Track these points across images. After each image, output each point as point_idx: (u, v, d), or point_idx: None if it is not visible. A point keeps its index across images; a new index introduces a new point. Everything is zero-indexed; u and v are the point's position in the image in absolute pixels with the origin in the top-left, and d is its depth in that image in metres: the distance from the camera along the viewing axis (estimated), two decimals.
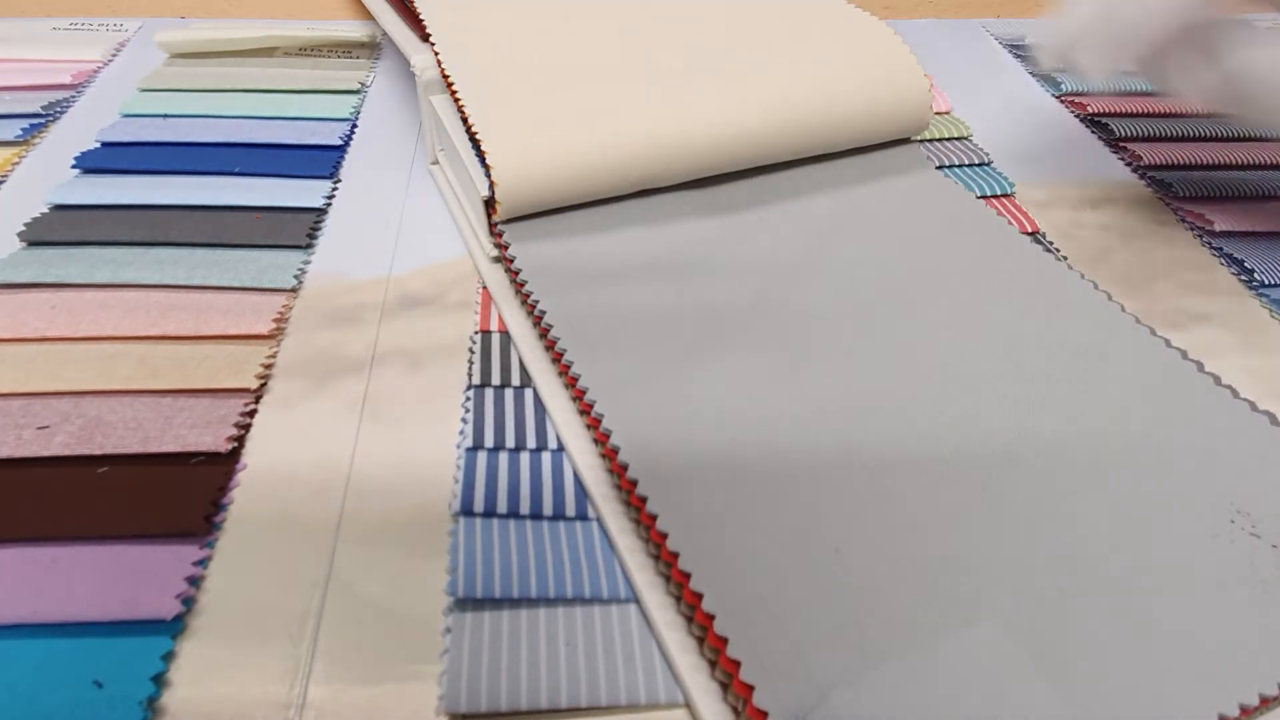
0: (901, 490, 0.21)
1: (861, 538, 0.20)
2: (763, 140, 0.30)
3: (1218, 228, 0.32)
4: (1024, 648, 0.18)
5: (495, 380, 0.25)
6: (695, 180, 0.30)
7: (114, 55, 0.42)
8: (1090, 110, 0.39)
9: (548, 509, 0.21)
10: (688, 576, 0.19)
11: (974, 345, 0.25)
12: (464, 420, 0.24)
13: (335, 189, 0.33)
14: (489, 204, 0.28)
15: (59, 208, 0.31)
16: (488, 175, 0.27)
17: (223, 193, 0.31)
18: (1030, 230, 0.32)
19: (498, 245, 0.28)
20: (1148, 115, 0.39)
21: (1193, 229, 0.33)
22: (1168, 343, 0.26)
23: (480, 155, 0.28)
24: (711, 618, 0.18)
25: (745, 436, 0.22)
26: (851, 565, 0.19)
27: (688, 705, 0.18)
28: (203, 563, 0.20)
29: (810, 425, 0.23)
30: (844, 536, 0.20)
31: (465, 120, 0.29)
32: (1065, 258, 0.30)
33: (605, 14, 0.34)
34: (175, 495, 0.21)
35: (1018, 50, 0.46)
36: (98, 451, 0.22)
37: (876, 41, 0.33)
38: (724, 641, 0.18)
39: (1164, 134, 0.38)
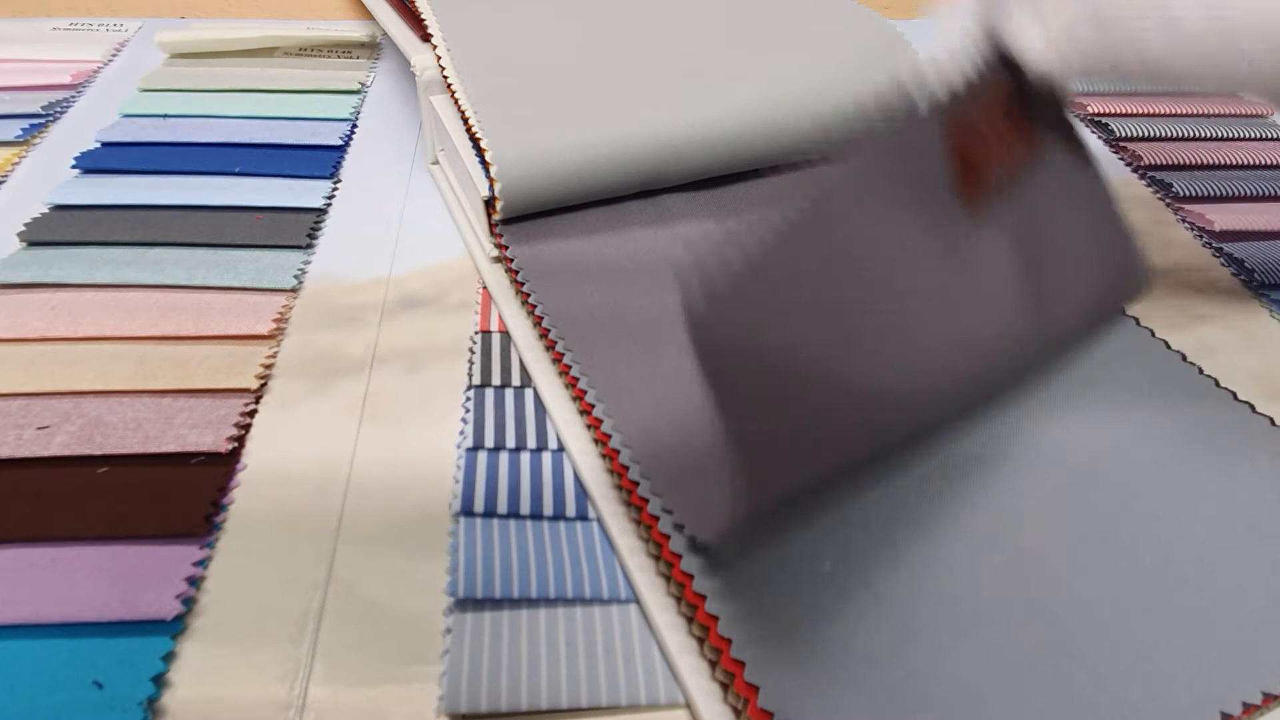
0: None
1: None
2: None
3: (1218, 228, 0.32)
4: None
5: (495, 380, 0.25)
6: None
7: (114, 55, 0.42)
8: (1090, 110, 0.39)
9: (548, 509, 0.21)
10: (690, 578, 0.19)
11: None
12: (464, 420, 0.24)
13: (335, 189, 0.33)
14: (489, 204, 0.28)
15: (59, 208, 0.31)
16: (488, 175, 0.27)
17: (223, 193, 0.31)
18: None
19: (498, 245, 0.28)
20: (1148, 115, 0.39)
21: (1193, 229, 0.33)
22: (1167, 345, 0.26)
23: (480, 155, 0.28)
24: (714, 619, 0.18)
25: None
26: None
27: (688, 706, 0.18)
28: (203, 563, 0.20)
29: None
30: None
31: (465, 120, 0.29)
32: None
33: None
34: (175, 495, 0.21)
35: None
36: (98, 451, 0.22)
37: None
38: (727, 643, 0.18)
39: (1164, 134, 0.38)
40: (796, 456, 0.19)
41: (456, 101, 0.29)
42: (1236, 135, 0.38)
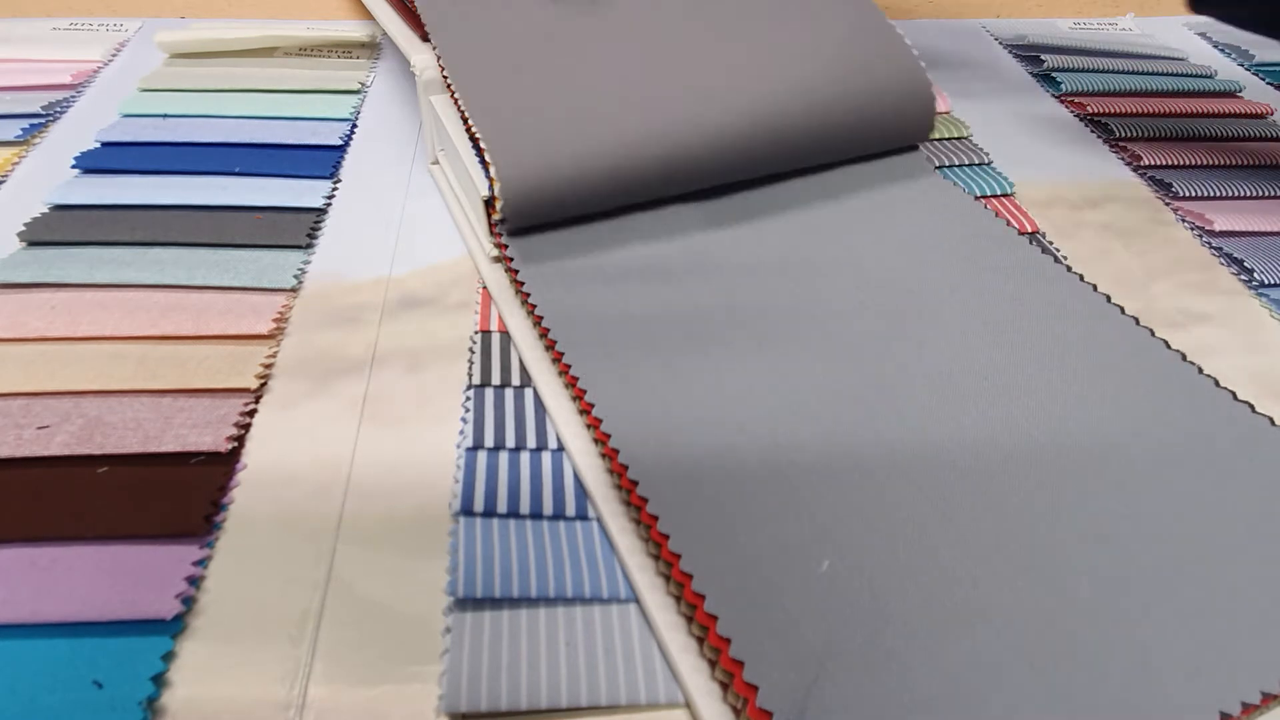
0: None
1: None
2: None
3: (1218, 228, 0.32)
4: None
5: (495, 380, 0.25)
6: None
7: (114, 55, 0.42)
8: (1090, 110, 0.39)
9: (548, 509, 0.21)
10: (689, 578, 0.19)
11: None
12: (464, 420, 0.24)
13: (335, 189, 0.33)
14: (489, 204, 0.28)
15: (59, 208, 0.31)
16: (488, 175, 0.27)
17: (223, 193, 0.31)
18: (1030, 230, 0.32)
19: (498, 245, 0.28)
20: (1148, 115, 0.39)
21: (1193, 229, 0.33)
22: (1167, 344, 0.26)
23: (480, 155, 0.28)
24: (714, 619, 0.18)
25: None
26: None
27: (688, 705, 0.18)
28: (203, 563, 0.20)
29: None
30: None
31: (465, 120, 0.29)
32: (1065, 258, 0.30)
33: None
34: (175, 495, 0.21)
35: (1018, 50, 0.46)
36: (98, 451, 0.22)
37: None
38: (726, 642, 0.18)
39: (1164, 134, 0.38)
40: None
41: (456, 102, 0.29)
42: (1236, 135, 0.38)
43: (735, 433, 0.22)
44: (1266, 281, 0.30)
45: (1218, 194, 0.34)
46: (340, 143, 0.35)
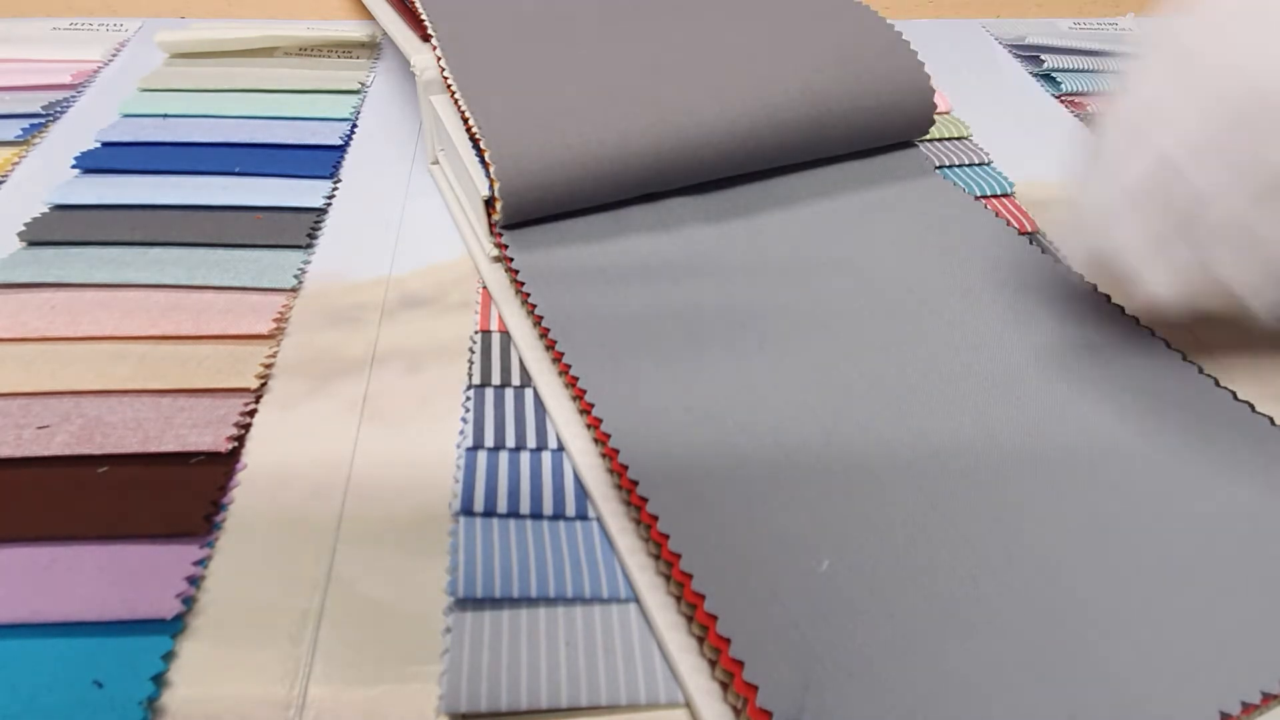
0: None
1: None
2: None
3: None
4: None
5: (495, 380, 0.25)
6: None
7: (114, 55, 0.42)
8: (1090, 110, 0.39)
9: (548, 509, 0.21)
10: (689, 577, 0.19)
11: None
12: (464, 420, 0.24)
13: (335, 189, 0.33)
14: (489, 204, 0.28)
15: (59, 208, 0.31)
16: (488, 175, 0.27)
17: (223, 193, 0.31)
18: (1030, 230, 0.32)
19: (498, 245, 0.28)
20: None
21: None
22: (1168, 344, 0.26)
23: (480, 155, 0.28)
24: (714, 619, 0.18)
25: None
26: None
27: (688, 705, 0.18)
28: (203, 563, 0.20)
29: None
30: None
31: (465, 120, 0.29)
32: (1065, 258, 0.30)
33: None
34: (175, 495, 0.21)
35: (1018, 50, 0.46)
36: (98, 451, 0.22)
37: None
38: (726, 642, 0.18)
39: None
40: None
41: (456, 101, 0.29)
42: None
43: (735, 432, 0.22)
44: None
45: None
46: (340, 143, 0.35)
